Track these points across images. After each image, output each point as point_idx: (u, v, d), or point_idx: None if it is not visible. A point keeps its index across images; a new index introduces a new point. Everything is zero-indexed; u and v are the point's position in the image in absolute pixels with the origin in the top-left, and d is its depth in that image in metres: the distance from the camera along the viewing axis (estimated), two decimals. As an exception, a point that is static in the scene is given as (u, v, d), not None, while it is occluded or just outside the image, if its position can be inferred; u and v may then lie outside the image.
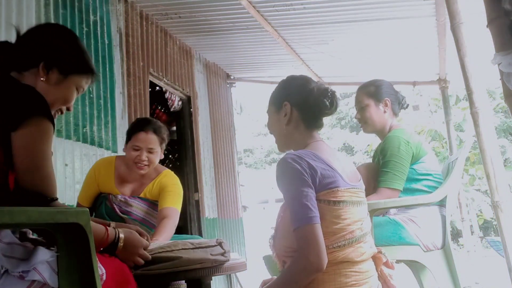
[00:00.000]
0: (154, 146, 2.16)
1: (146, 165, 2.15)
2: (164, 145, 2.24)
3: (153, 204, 2.24)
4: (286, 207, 1.38)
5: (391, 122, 2.31)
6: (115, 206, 2.18)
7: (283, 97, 1.51)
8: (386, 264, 1.42)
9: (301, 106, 1.48)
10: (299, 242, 1.28)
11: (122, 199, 2.19)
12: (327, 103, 1.46)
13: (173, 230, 2.09)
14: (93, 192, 2.26)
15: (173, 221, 2.09)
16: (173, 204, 2.16)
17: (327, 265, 1.30)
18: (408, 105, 2.41)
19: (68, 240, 1.04)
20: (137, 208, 2.20)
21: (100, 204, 2.24)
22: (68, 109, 1.40)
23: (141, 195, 2.23)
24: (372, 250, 1.40)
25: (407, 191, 2.18)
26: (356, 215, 1.36)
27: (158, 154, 2.20)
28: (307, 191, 1.30)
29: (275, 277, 1.54)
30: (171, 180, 2.26)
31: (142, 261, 1.44)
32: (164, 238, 1.96)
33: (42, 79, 1.29)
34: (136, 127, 2.19)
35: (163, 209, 2.13)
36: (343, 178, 1.36)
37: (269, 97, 1.58)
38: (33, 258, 1.09)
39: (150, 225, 2.19)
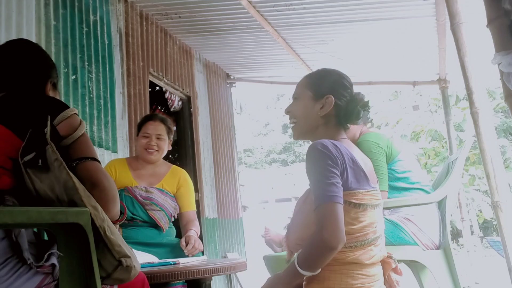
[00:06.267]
0: (162, 133, 2.40)
1: (156, 150, 2.37)
2: (171, 136, 2.46)
3: (169, 195, 2.41)
4: (306, 198, 1.36)
5: (361, 129, 2.41)
6: (136, 194, 2.31)
7: (328, 90, 1.47)
8: (395, 270, 1.40)
9: (342, 106, 1.45)
10: (317, 220, 1.24)
11: (143, 188, 2.35)
12: (361, 115, 1.46)
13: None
14: None
15: (197, 221, 2.47)
16: (194, 207, 2.49)
17: (335, 263, 1.29)
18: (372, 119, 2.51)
19: (69, 240, 1.04)
20: (157, 195, 2.36)
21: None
22: None
23: (158, 185, 2.40)
24: (382, 253, 1.37)
25: (394, 189, 2.23)
26: (372, 217, 1.35)
27: (166, 142, 2.42)
28: (335, 173, 1.27)
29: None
30: (184, 176, 2.49)
31: None
32: (198, 230, 2.37)
33: None
34: (145, 119, 2.46)
35: (188, 212, 2.43)
36: (368, 181, 1.34)
37: (306, 81, 1.52)
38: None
39: (168, 212, 2.37)
